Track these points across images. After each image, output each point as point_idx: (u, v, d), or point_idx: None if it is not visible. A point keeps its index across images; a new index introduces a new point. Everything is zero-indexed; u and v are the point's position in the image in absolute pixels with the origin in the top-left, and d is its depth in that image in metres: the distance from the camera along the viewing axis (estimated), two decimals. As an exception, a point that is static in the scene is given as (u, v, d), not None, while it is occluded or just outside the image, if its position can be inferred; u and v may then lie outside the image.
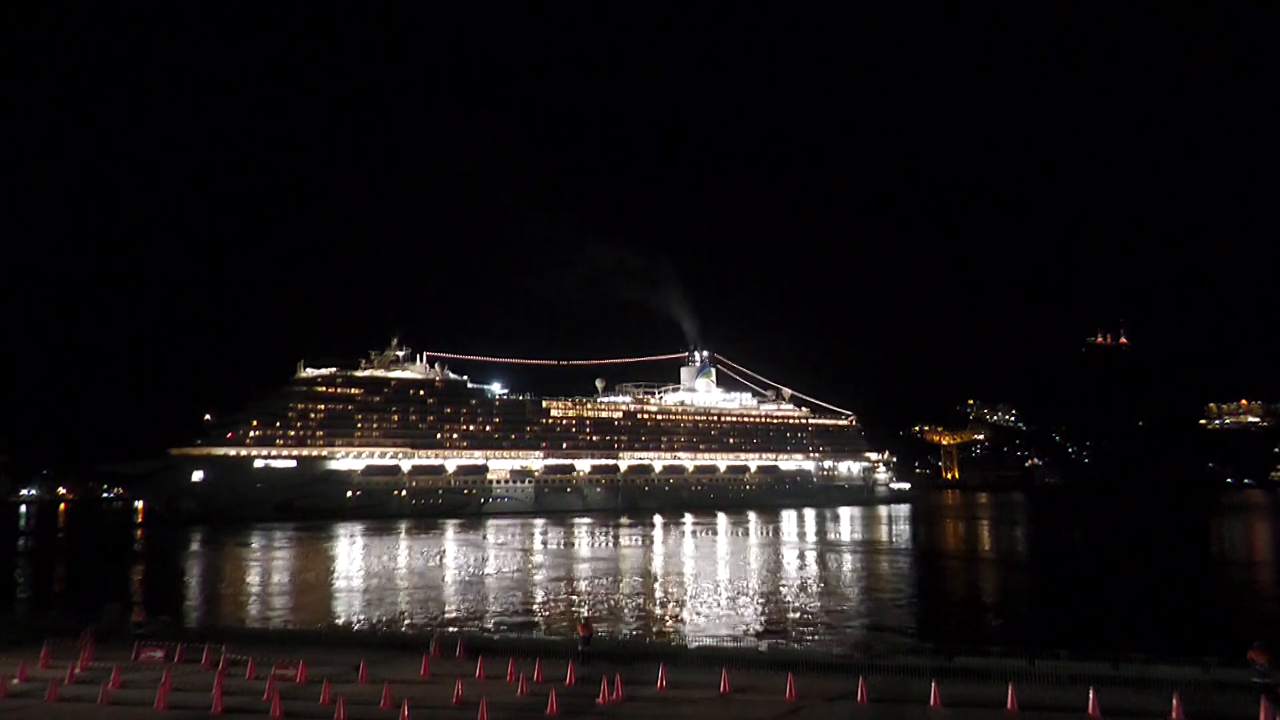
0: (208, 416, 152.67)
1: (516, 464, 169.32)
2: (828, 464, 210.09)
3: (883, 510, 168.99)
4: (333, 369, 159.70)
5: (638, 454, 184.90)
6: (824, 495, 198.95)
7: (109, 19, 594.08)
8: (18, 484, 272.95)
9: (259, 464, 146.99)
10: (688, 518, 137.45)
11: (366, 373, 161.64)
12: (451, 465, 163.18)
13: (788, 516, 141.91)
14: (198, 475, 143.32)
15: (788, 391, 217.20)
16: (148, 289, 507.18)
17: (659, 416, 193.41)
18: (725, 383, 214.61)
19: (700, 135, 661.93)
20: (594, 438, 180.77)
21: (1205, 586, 60.06)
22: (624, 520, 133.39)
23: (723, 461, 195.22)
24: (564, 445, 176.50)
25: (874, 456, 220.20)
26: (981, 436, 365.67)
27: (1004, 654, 26.80)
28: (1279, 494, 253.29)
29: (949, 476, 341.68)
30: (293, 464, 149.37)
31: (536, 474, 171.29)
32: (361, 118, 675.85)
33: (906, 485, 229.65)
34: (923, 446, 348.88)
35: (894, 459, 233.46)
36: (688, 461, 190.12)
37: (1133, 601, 53.10)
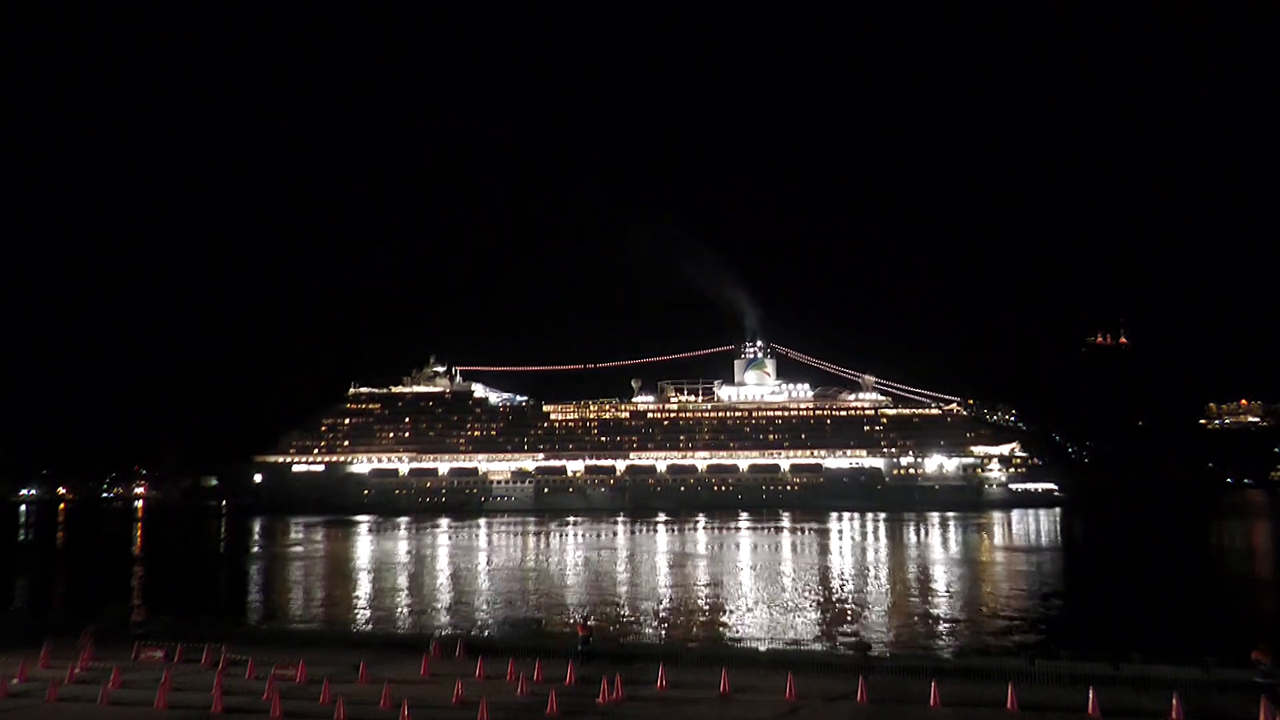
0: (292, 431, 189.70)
1: (514, 465, 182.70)
2: (906, 460, 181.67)
3: (996, 516, 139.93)
4: (366, 388, 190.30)
5: (643, 454, 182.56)
6: (899, 497, 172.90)
7: (153, 24, 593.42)
8: (18, 484, 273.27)
9: (298, 469, 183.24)
10: (701, 518, 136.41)
11: (386, 390, 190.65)
12: (445, 468, 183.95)
13: (822, 520, 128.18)
14: (258, 477, 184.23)
15: (870, 379, 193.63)
16: (248, 303, 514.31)
17: (677, 415, 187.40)
18: (791, 373, 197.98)
19: (692, 140, 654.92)
20: (601, 439, 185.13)
21: (1205, 586, 60.04)
22: (619, 519, 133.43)
23: (743, 460, 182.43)
24: (569, 447, 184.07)
25: (982, 450, 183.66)
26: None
27: (1004, 654, 26.83)
28: (1279, 494, 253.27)
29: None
30: (321, 468, 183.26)
31: (535, 474, 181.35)
32: (385, 126, 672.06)
33: (1042, 485, 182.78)
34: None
35: (1023, 454, 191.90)
36: (700, 461, 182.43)
37: (1133, 601, 53.10)
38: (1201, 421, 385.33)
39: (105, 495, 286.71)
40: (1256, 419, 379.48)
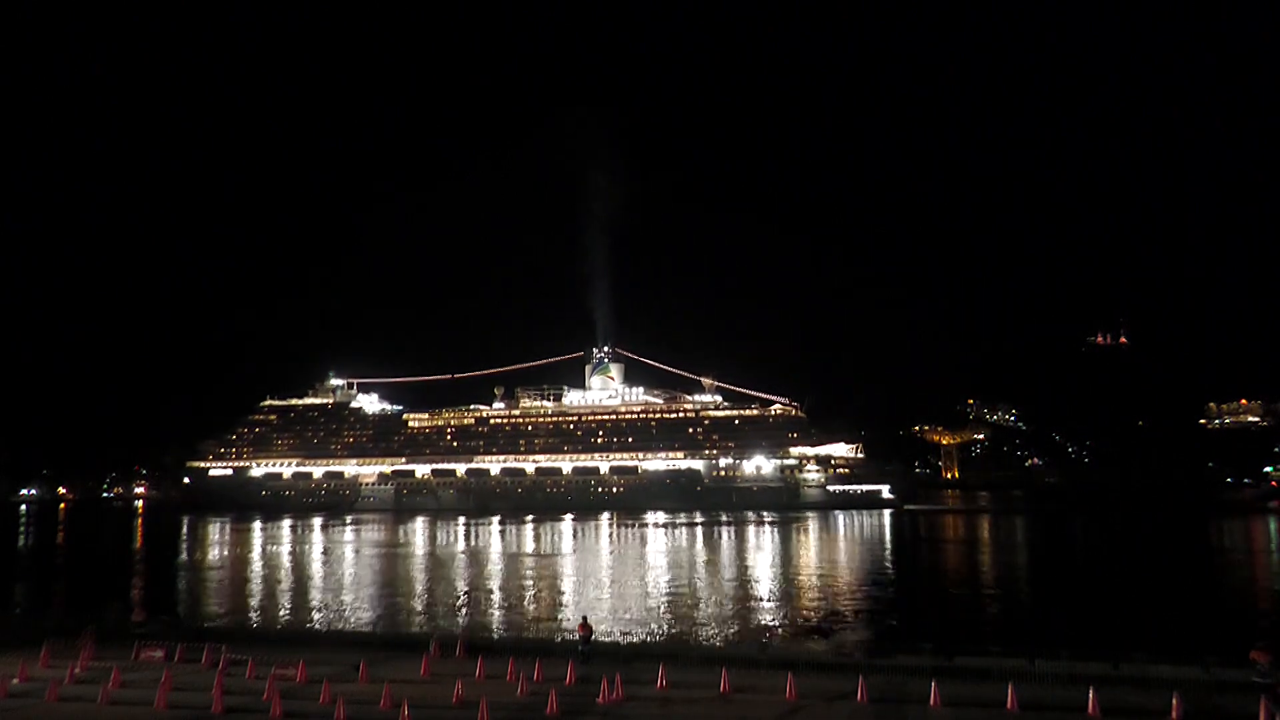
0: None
1: (378, 469, 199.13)
2: (725, 462, 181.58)
3: (810, 519, 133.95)
4: (271, 400, 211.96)
5: (484, 459, 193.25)
6: (717, 498, 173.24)
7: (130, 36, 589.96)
8: (18, 484, 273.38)
9: (214, 473, 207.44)
10: (530, 518, 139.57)
11: (286, 401, 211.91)
12: (319, 472, 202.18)
13: (639, 520, 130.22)
14: (186, 480, 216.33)
15: (709, 381, 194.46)
16: (184, 311, 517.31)
17: (520, 421, 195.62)
18: (640, 377, 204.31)
19: (589, 139, 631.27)
20: (454, 444, 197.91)
21: (1205, 586, 60.03)
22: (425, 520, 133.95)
23: (566, 463, 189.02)
24: (426, 452, 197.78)
25: (799, 451, 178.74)
26: (981, 436, 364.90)
27: (1004, 654, 26.82)
28: (1279, 494, 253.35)
29: (949, 476, 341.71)
30: (230, 473, 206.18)
31: (393, 478, 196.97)
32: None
33: (866, 487, 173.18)
34: (923, 446, 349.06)
35: (852, 455, 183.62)
36: (529, 464, 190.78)
37: (1133, 601, 53.10)
38: (1201, 421, 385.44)
39: (105, 495, 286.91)
40: (1256, 419, 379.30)
